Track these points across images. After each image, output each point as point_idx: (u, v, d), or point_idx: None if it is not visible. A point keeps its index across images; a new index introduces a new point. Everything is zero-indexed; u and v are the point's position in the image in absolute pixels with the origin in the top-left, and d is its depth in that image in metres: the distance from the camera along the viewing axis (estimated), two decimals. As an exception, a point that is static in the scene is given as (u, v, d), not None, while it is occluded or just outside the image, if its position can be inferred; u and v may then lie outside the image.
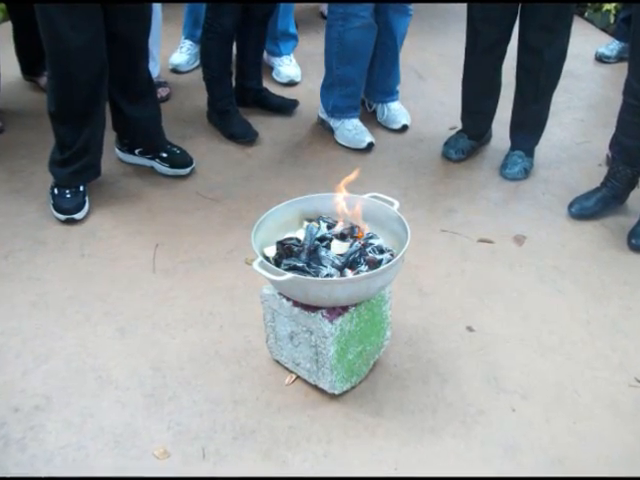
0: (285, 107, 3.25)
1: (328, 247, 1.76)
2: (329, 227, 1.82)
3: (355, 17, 2.74)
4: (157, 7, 3.12)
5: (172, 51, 3.62)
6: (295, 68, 3.57)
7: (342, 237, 1.79)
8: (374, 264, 1.71)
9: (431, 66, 3.77)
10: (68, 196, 2.50)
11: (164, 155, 2.76)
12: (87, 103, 2.39)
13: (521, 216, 2.61)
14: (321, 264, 1.71)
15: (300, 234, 1.80)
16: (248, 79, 3.20)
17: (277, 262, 1.74)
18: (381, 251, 1.75)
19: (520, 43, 2.65)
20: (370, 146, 2.98)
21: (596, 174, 2.71)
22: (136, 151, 2.78)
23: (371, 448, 1.74)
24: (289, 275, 1.62)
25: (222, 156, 2.94)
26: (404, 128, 3.13)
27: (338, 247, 1.76)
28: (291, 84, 3.52)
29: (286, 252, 1.75)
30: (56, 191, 2.52)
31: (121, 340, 2.04)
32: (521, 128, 2.83)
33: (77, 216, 2.49)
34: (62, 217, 2.48)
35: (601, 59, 3.84)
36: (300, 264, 1.69)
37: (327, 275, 1.68)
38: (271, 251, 1.77)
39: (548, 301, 2.22)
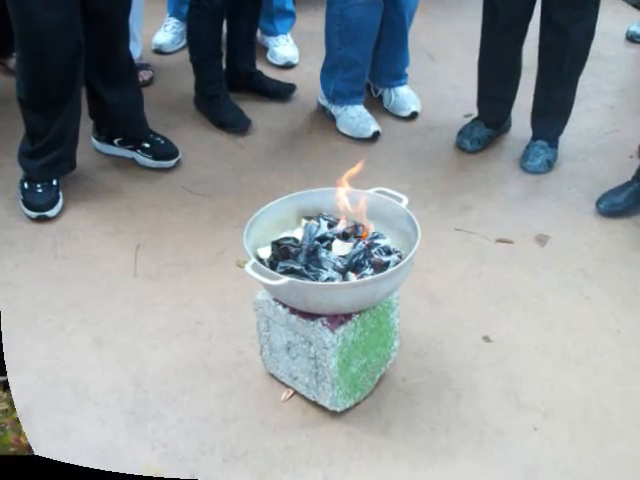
0: (281, 92, 3.25)
1: (329, 248, 1.76)
2: (330, 226, 1.83)
3: (359, -8, 2.75)
4: (139, -19, 3.13)
5: (155, 30, 3.62)
6: (292, 49, 3.58)
7: (345, 237, 1.80)
8: (380, 267, 1.71)
9: (443, 46, 3.77)
10: (40, 191, 2.51)
11: (146, 145, 2.77)
12: (61, 88, 2.40)
13: (544, 213, 2.62)
14: (321, 267, 1.71)
15: (298, 233, 1.80)
16: (240, 61, 3.20)
17: (272, 265, 1.74)
18: (388, 252, 1.76)
19: (543, 21, 2.65)
20: (376, 135, 2.98)
21: (627, 167, 2.72)
22: (115, 141, 2.79)
23: (377, 472, 1.74)
24: (285, 279, 1.63)
25: (211, 147, 2.95)
26: (413, 115, 3.14)
27: (340, 248, 1.76)
28: (288, 66, 3.53)
29: (282, 253, 1.75)
30: (26, 185, 2.52)
31: (99, 351, 2.04)
32: (544, 115, 2.83)
33: (50, 213, 2.50)
34: (33, 214, 2.49)
35: (632, 38, 3.84)
36: (298, 267, 1.70)
37: (328, 279, 1.68)
38: (266, 252, 1.78)
39: (573, 308, 2.22)
